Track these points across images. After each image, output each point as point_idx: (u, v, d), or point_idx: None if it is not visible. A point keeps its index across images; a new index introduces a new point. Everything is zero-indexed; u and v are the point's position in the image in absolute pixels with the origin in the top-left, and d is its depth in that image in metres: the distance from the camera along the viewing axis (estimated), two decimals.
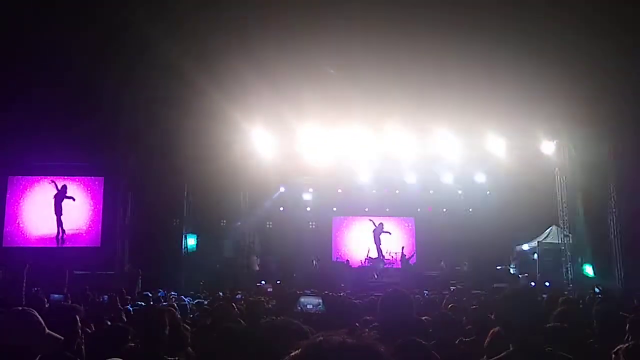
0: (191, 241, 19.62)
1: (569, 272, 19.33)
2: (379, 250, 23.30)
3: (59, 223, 19.38)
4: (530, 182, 20.69)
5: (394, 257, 23.26)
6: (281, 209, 24.02)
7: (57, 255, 18.58)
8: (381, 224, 23.77)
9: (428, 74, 16.55)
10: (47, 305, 7.81)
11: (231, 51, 16.05)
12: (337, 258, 23.80)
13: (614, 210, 19.06)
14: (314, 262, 22.18)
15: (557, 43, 16.36)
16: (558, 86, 16.47)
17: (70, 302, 7.03)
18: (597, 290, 12.42)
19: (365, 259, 23.09)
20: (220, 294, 13.12)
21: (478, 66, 16.06)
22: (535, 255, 20.86)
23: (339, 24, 15.76)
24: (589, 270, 19.46)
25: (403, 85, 16.84)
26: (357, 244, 24.09)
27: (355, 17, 15.71)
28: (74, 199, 19.71)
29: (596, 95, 17.06)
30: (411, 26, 15.87)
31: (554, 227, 21.07)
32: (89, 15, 15.26)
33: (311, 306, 5.63)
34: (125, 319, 7.39)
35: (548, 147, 19.47)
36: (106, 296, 10.00)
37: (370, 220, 23.85)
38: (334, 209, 24.62)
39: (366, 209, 24.27)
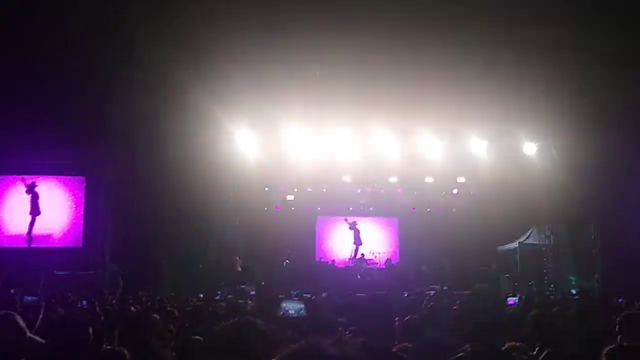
0: None
1: (550, 273, 19.52)
2: (356, 251, 23.19)
3: (31, 223, 19.05)
4: (512, 182, 20.86)
5: (377, 257, 23.27)
6: (265, 209, 23.95)
7: (36, 255, 18.37)
8: (354, 221, 23.51)
9: (411, 75, 16.60)
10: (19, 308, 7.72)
11: (216, 50, 15.98)
12: (321, 258, 23.76)
13: (594, 211, 19.25)
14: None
15: (538, 45, 16.48)
16: (539, 87, 16.61)
17: (44, 304, 6.93)
18: (573, 292, 12.52)
19: (349, 259, 23.08)
20: (201, 295, 13.06)
21: (460, 68, 16.15)
22: (517, 256, 20.98)
23: (324, 24, 15.74)
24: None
25: (387, 86, 16.89)
26: (341, 244, 24.08)
27: (340, 18, 15.71)
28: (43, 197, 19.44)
29: (578, 97, 17.22)
30: (395, 28, 15.89)
31: (534, 228, 21.24)
32: (73, 11, 15.10)
33: (293, 311, 5.62)
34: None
35: (530, 148, 19.62)
36: (85, 301, 9.85)
37: (345, 220, 23.64)
38: (318, 208, 24.59)
39: (350, 209, 24.26)
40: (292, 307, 5.71)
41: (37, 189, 19.16)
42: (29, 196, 19.09)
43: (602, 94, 17.29)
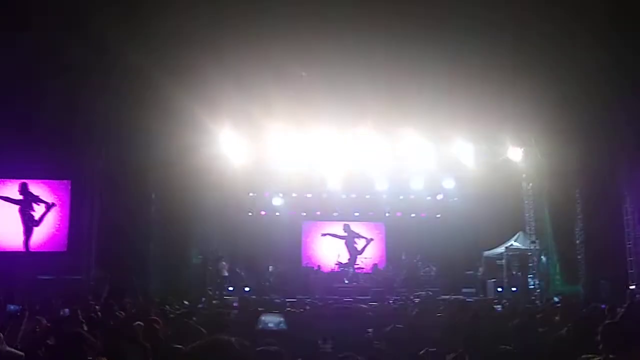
0: None
1: (535, 278, 19.61)
2: (354, 256, 23.22)
3: (25, 229, 18.89)
4: (498, 188, 20.96)
5: (364, 262, 23.29)
6: (250, 213, 23.89)
7: (20, 260, 18.18)
8: (347, 224, 23.61)
9: (398, 79, 16.61)
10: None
11: (198, 52, 15.90)
12: (307, 263, 23.74)
13: (579, 216, 19.36)
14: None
15: (524, 51, 16.56)
16: (526, 93, 16.69)
17: (27, 313, 6.84)
18: (555, 299, 12.58)
19: (336, 264, 23.07)
20: (186, 302, 12.97)
21: (448, 72, 16.17)
22: (503, 261, 21.06)
23: (309, 26, 15.72)
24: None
25: (373, 90, 16.88)
26: (327, 249, 24.06)
27: (326, 19, 15.69)
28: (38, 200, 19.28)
29: (563, 103, 17.32)
30: (382, 31, 15.91)
31: (521, 233, 21.35)
32: (52, 12, 14.99)
33: (272, 324, 5.59)
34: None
35: (515, 153, 19.72)
36: (67, 309, 9.71)
37: (345, 223, 23.79)
38: (303, 213, 24.56)
39: (335, 214, 24.25)
40: (271, 320, 5.68)
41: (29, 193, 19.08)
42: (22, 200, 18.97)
43: (586, 100, 17.41)
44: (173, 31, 15.46)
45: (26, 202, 19.08)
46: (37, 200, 19.13)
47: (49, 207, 19.18)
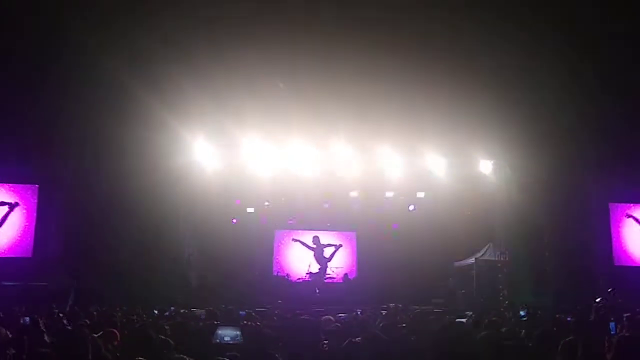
0: None
1: (504, 289, 19.79)
2: (324, 266, 23.21)
3: None
4: (469, 199, 21.18)
5: (335, 272, 23.28)
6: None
7: None
8: (316, 237, 23.64)
9: (370, 92, 16.76)
10: None
11: (170, 60, 15.88)
12: (277, 272, 23.66)
13: (547, 228, 19.64)
14: (255, 276, 22.05)
15: (493, 66, 16.85)
16: (494, 107, 16.98)
17: None
18: (522, 313, 12.70)
19: (307, 273, 23.02)
20: (155, 312, 12.81)
21: (418, 86, 16.38)
22: (473, 272, 21.21)
23: (283, 38, 15.80)
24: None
25: (345, 101, 17.00)
26: (299, 258, 24.00)
27: (298, 32, 15.78)
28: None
29: (531, 117, 17.64)
30: (356, 45, 16.05)
31: (491, 244, 21.54)
32: (25, 20, 14.84)
33: (228, 338, 5.54)
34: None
35: (485, 166, 19.94)
36: (28, 318, 9.46)
37: (297, 240, 23.89)
38: (276, 222, 24.49)
39: (308, 223, 24.21)
40: (227, 334, 5.63)
41: None
42: None
43: (553, 112, 17.76)
44: (148, 41, 15.41)
45: None
46: None
47: (12, 207, 18.86)
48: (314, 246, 23.25)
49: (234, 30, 15.47)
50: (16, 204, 18.94)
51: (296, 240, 23.83)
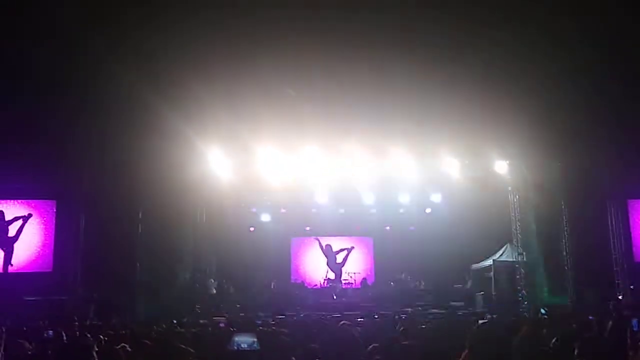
0: None
1: (523, 289, 19.68)
2: (339, 272, 23.29)
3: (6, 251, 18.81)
4: (485, 201, 21.04)
5: (353, 277, 23.25)
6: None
7: (5, 281, 18.04)
8: (328, 245, 23.86)
9: (384, 96, 16.75)
10: None
11: (186, 70, 15.97)
12: (295, 280, 23.67)
13: (565, 228, 19.50)
14: (273, 284, 22.07)
15: (509, 65, 16.77)
16: (510, 107, 16.88)
17: (4, 336, 6.71)
18: (543, 311, 12.60)
19: (324, 279, 23.03)
20: (174, 321, 12.86)
21: (432, 88, 16.34)
22: (491, 273, 21.08)
23: (295, 45, 15.84)
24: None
25: (359, 106, 17.01)
26: (316, 265, 24.01)
27: (311, 38, 15.82)
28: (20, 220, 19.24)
29: (547, 116, 17.52)
30: (367, 48, 16.07)
31: (508, 245, 21.40)
32: (40, 35, 15.01)
33: (245, 345, 5.56)
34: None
35: (501, 166, 19.84)
36: (51, 331, 9.59)
37: (317, 239, 24.05)
38: (293, 230, 24.51)
39: (324, 230, 24.21)
40: (244, 340, 5.65)
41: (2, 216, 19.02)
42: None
43: (569, 111, 17.63)
44: (162, 52, 15.55)
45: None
46: (11, 222, 19.06)
47: (25, 219, 19.10)
48: (327, 256, 23.49)
49: (248, 40, 15.56)
50: (29, 215, 19.18)
51: (317, 239, 24.05)
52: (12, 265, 18.82)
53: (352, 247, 24.11)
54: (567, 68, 16.33)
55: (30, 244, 19.26)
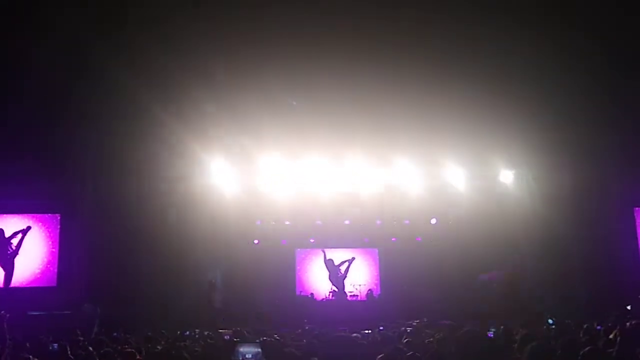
0: None
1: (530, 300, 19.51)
2: (341, 285, 23.20)
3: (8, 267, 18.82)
4: (491, 211, 20.92)
5: (358, 289, 23.11)
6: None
7: (8, 296, 17.98)
8: (330, 259, 23.81)
9: (388, 106, 16.73)
10: None
11: (190, 81, 15.99)
12: (301, 292, 23.54)
13: (572, 236, 19.34)
14: (277, 298, 21.98)
15: (515, 74, 16.74)
16: (515, 117, 16.82)
17: (8, 351, 6.69)
18: (550, 322, 12.45)
19: (330, 292, 22.90)
20: (187, 332, 12.76)
21: (437, 97, 16.31)
22: (498, 284, 20.92)
23: (299, 55, 15.85)
24: None
25: (364, 116, 16.99)
26: (321, 277, 23.89)
27: (315, 48, 15.83)
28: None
29: (553, 126, 17.45)
30: (371, 58, 16.06)
31: (515, 255, 21.25)
32: (43, 44, 15.06)
33: (250, 355, 5.49)
34: None
35: (507, 176, 19.75)
36: (56, 344, 9.55)
37: (323, 251, 23.97)
38: (297, 241, 24.41)
39: (329, 241, 24.12)
40: (248, 351, 5.59)
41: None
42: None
43: (577, 121, 17.55)
44: (166, 64, 15.56)
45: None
46: (11, 238, 19.05)
47: (24, 232, 19.09)
48: (329, 270, 23.43)
49: (253, 50, 15.58)
50: (28, 228, 19.16)
51: (323, 251, 23.98)
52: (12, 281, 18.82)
53: (353, 258, 24.01)
54: (574, 76, 16.26)
55: (34, 258, 19.23)
